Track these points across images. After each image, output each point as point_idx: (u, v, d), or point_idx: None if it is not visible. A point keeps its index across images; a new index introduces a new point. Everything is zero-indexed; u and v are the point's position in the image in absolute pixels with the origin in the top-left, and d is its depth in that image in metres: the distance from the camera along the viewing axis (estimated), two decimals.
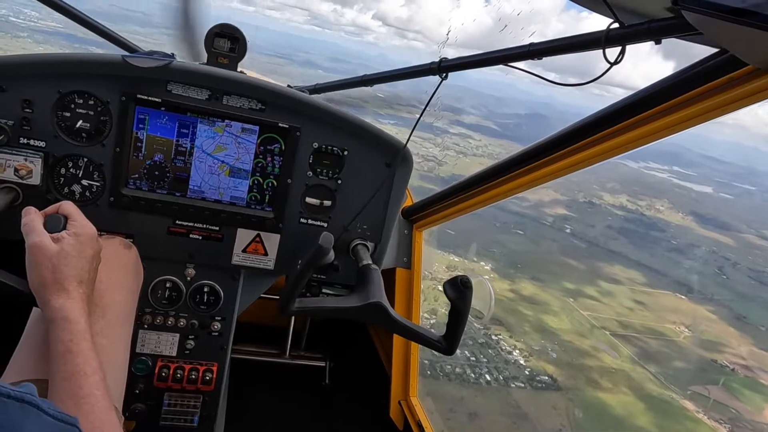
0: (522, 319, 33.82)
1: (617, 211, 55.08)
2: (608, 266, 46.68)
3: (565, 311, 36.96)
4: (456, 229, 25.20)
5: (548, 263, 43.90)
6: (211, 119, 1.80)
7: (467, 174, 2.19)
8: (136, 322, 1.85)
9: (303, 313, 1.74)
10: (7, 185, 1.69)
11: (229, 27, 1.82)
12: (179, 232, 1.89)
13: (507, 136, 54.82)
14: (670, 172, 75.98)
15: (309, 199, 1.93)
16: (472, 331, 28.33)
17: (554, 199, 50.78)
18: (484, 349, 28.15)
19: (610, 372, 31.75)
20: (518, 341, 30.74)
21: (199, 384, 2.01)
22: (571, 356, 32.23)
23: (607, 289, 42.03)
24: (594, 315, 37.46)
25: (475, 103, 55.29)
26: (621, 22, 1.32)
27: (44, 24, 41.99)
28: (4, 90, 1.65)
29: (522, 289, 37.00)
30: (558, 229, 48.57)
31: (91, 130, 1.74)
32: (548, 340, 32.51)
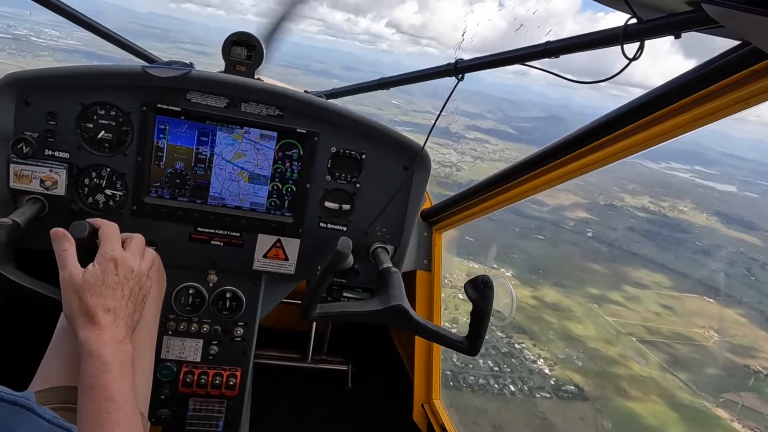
0: (546, 326, 33.09)
1: (639, 212, 53.89)
2: (633, 270, 45.53)
3: (589, 317, 36.07)
4: (475, 235, 24.69)
5: (571, 268, 42.99)
6: (230, 126, 1.82)
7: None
8: (161, 328, 1.91)
9: (325, 319, 1.74)
10: (33, 196, 1.73)
11: (246, 35, 1.84)
12: (201, 239, 1.91)
13: (524, 140, 54.21)
14: (692, 171, 74.21)
15: (328, 204, 1.94)
16: (495, 339, 27.77)
17: (574, 202, 49.88)
18: (507, 359, 27.53)
19: (639, 380, 30.76)
20: (542, 350, 30.02)
21: (223, 389, 2.02)
22: (598, 364, 31.36)
23: (633, 294, 40.95)
24: (620, 321, 36.47)
25: (491, 107, 54.91)
26: (639, 17, 1.30)
27: (64, 42, 42.90)
28: (28, 103, 1.69)
29: (545, 295, 36.24)
30: (579, 232, 47.61)
31: (113, 141, 1.77)
32: (573, 348, 31.70)
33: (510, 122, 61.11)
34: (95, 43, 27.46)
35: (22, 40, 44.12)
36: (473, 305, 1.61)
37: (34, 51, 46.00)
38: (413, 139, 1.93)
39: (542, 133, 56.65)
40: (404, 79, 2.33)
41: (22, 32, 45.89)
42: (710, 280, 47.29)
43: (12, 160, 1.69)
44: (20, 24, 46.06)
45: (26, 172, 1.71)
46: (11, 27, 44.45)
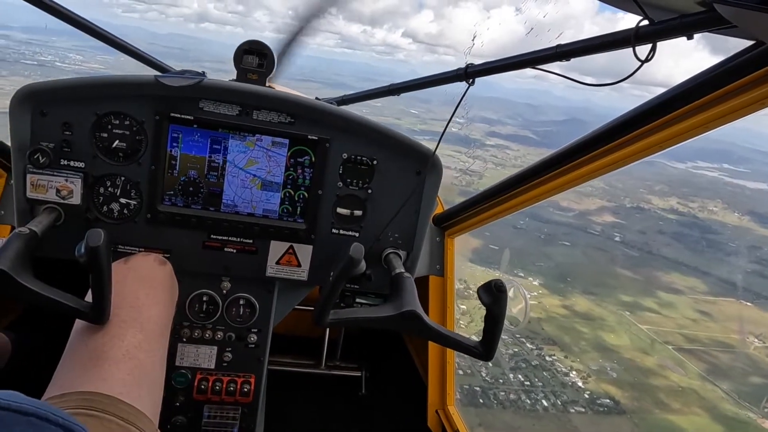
0: (577, 337, 32.06)
1: (668, 215, 52.36)
2: (664, 274, 44.03)
3: (622, 326, 34.86)
4: (499, 243, 24.03)
5: (600, 275, 41.78)
6: (242, 134, 1.84)
7: None
8: (175, 335, 1.94)
9: (338, 325, 1.74)
10: (49, 206, 1.75)
11: (257, 43, 1.87)
12: (214, 246, 1.93)
13: (545, 144, 53.47)
14: (720, 170, 71.91)
15: (340, 210, 1.95)
16: (525, 352, 26.94)
17: (600, 206, 48.70)
18: (538, 372, 26.64)
19: (678, 391, 29.46)
20: (574, 361, 29.01)
21: (238, 396, 2.03)
22: (634, 375, 30.15)
23: (667, 300, 39.47)
24: (654, 329, 35.14)
25: (511, 113, 54.42)
26: (650, 19, 1.31)
27: (87, 66, 43.88)
28: (44, 114, 1.72)
29: (574, 304, 35.13)
30: (607, 237, 46.33)
31: (127, 150, 1.80)
32: (607, 359, 30.59)
33: (530, 127, 60.45)
34: (117, 66, 27.51)
35: (47, 65, 45.35)
36: (487, 309, 1.59)
37: (59, 76, 47.34)
38: (425, 145, 1.92)
39: (563, 137, 55.14)
40: (415, 85, 2.33)
41: (47, 58, 47.26)
42: (747, 282, 45.40)
43: (29, 170, 1.72)
44: (45, 50, 47.43)
45: (43, 182, 1.74)
46: (37, 53, 45.77)
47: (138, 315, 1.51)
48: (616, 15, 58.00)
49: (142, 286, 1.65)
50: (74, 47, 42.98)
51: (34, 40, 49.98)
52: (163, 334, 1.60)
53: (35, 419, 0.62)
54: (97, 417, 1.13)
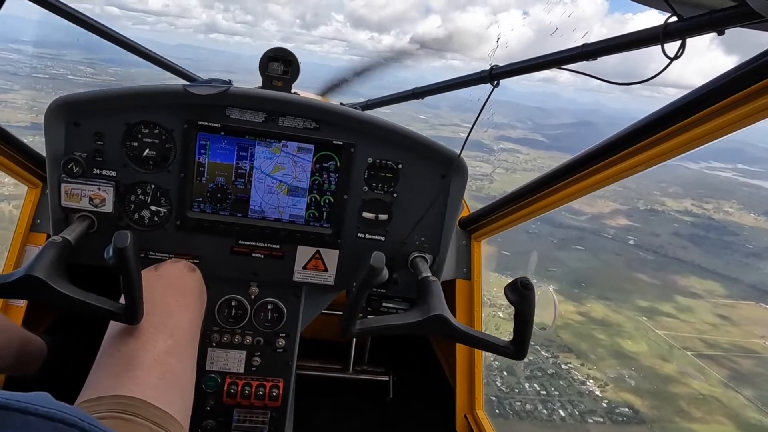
0: (593, 343, 31.41)
1: (683, 216, 51.53)
2: (681, 278, 43.23)
3: (639, 332, 34.10)
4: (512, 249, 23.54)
5: (615, 279, 41.16)
6: (268, 140, 1.87)
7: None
8: (205, 340, 1.99)
9: (365, 334, 1.73)
10: (83, 214, 1.80)
11: (282, 51, 1.90)
12: (242, 251, 1.95)
13: (556, 147, 53.06)
14: (735, 170, 70.80)
15: (366, 214, 1.95)
16: (540, 361, 26.38)
17: (614, 209, 48.08)
18: (554, 381, 26.06)
19: (699, 399, 28.66)
20: (591, 369, 28.37)
21: (267, 400, 2.04)
22: (653, 383, 29.41)
23: (685, 305, 38.67)
24: (672, 334, 34.33)
25: (521, 116, 54.09)
26: (679, 15, 1.29)
27: (99, 79, 44.18)
28: (77, 125, 1.78)
29: (590, 310, 34.45)
30: (621, 240, 45.61)
31: (157, 158, 1.83)
32: (624, 366, 29.94)
33: (540, 130, 60.05)
34: (128, 78, 27.65)
35: (58, 79, 45.72)
36: (515, 309, 1.57)
37: (71, 89, 47.65)
38: (449, 148, 1.92)
39: (574, 140, 55.25)
40: (438, 88, 2.33)
41: (59, 71, 47.72)
42: (766, 285, 44.34)
43: (63, 179, 1.77)
44: (57, 63, 48.01)
45: (76, 191, 1.78)
46: (49, 67, 46.20)
47: (168, 320, 1.53)
48: (624, 16, 57.22)
49: (172, 292, 1.68)
50: (85, 60, 43.25)
51: (46, 54, 50.64)
52: (193, 340, 1.62)
53: (63, 425, 0.62)
54: (130, 420, 1.15)
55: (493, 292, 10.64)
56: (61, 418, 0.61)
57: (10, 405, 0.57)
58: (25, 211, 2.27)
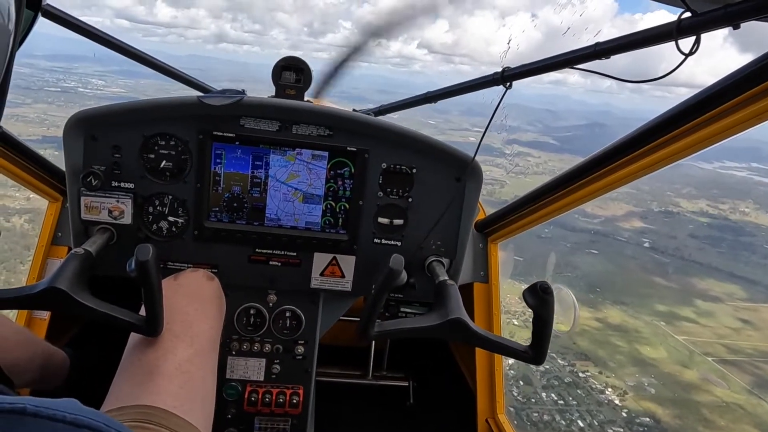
0: (610, 350, 30.71)
1: (698, 218, 50.58)
2: (699, 281, 42.29)
3: (658, 338, 33.26)
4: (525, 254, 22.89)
5: (631, 283, 40.35)
6: (283, 149, 1.89)
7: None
8: (225, 348, 2.00)
9: (383, 337, 1.73)
10: (102, 226, 1.83)
11: (294, 59, 1.92)
12: (259, 259, 1.97)
13: (567, 150, 52.49)
14: (749, 169, 69.40)
15: (381, 219, 1.96)
16: (557, 369, 25.74)
17: (627, 211, 47.32)
18: (572, 390, 25.41)
19: (722, 406, 27.82)
20: (609, 377, 27.65)
21: (287, 407, 2.05)
22: (673, 390, 28.57)
23: (704, 309, 37.72)
24: (692, 339, 33.42)
25: (530, 119, 53.70)
26: (693, 11, 1.28)
27: (109, 91, 44.72)
28: (95, 138, 1.81)
29: (607, 316, 33.67)
30: (635, 243, 44.79)
31: (173, 169, 1.86)
32: (644, 374, 29.17)
33: (551, 133, 59.59)
34: (138, 89, 27.72)
35: (70, 92, 46.27)
36: (534, 312, 1.55)
37: (81, 101, 48.33)
38: (463, 151, 1.92)
39: (585, 142, 54.71)
40: (451, 92, 2.33)
41: (71, 84, 48.26)
42: None
43: (82, 193, 1.79)
44: (68, 77, 48.40)
45: (95, 204, 1.81)
46: (60, 80, 46.80)
47: (188, 330, 1.54)
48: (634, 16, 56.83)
49: (192, 301, 1.70)
50: (96, 73, 43.73)
51: (57, 68, 50.94)
52: (213, 348, 1.63)
53: (89, 431, 0.63)
54: (151, 430, 1.16)
55: (506, 298, 10.14)
56: (87, 424, 0.62)
57: (39, 412, 0.59)
58: (46, 224, 2.32)
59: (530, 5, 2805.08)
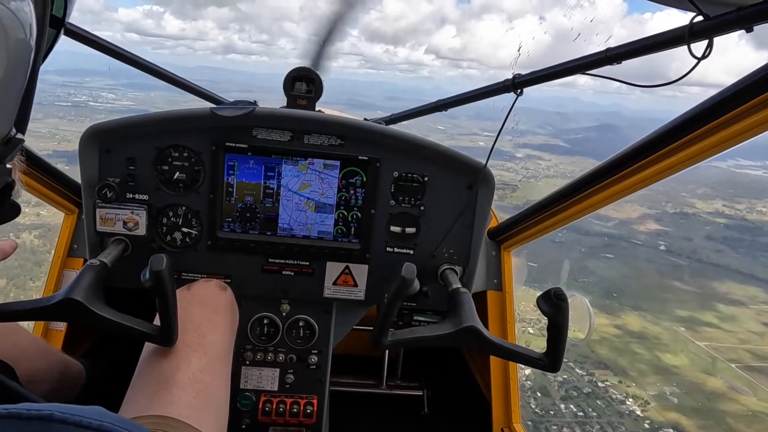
0: (630, 358, 29.85)
1: (715, 218, 49.55)
2: (718, 284, 41.21)
3: (678, 344, 32.23)
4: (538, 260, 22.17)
5: (648, 288, 39.47)
6: (295, 158, 1.91)
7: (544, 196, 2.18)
8: (239, 358, 2.02)
9: (397, 346, 1.77)
10: (117, 237, 1.86)
11: (305, 70, 1.94)
12: (272, 269, 1.98)
13: (578, 152, 51.86)
14: (765, 167, 67.92)
15: (393, 228, 1.97)
16: (575, 379, 24.95)
17: (642, 213, 46.44)
18: (591, 401, 24.60)
19: (749, 416, 26.87)
20: (629, 387, 26.79)
21: (302, 417, 2.06)
22: (697, 400, 27.55)
23: (727, 313, 36.48)
24: (714, 345, 32.35)
25: (540, 122, 53.13)
26: (705, 14, 1.28)
27: (120, 104, 45.00)
28: (109, 151, 1.84)
29: (626, 323, 32.75)
30: (651, 246, 43.86)
31: (187, 180, 1.89)
32: (666, 382, 28.27)
33: (561, 135, 58.86)
34: (148, 102, 27.32)
35: (80, 106, 46.49)
36: (548, 320, 1.55)
37: (92, 115, 48.70)
38: (474, 158, 1.93)
39: (596, 144, 53.92)
40: (461, 99, 2.34)
41: (81, 98, 48.66)
42: None
43: (98, 205, 1.83)
44: (79, 91, 48.80)
45: (110, 216, 1.84)
46: (71, 95, 47.07)
47: (202, 339, 1.55)
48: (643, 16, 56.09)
49: (205, 311, 1.71)
50: (107, 86, 44.00)
51: (69, 82, 51.29)
52: (226, 358, 1.64)
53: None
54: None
55: (521, 306, 9.55)
56: (112, 431, 0.64)
57: (66, 419, 0.60)
58: (62, 236, 2.35)
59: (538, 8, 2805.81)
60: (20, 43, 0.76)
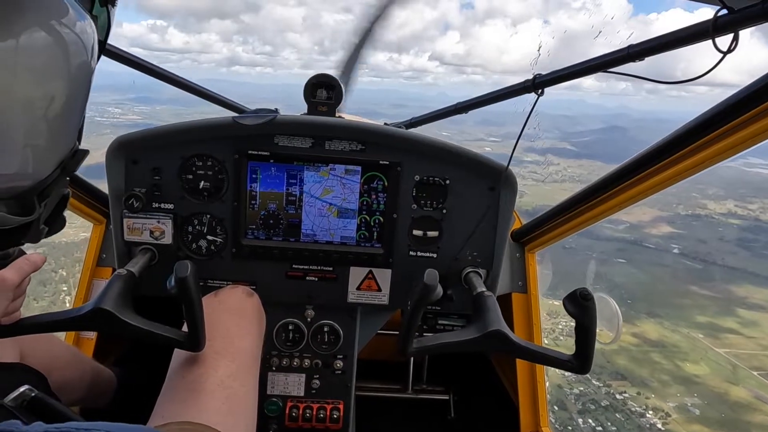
0: (648, 368, 28.79)
1: (728, 219, 48.52)
2: (735, 287, 40.14)
3: (698, 352, 31.12)
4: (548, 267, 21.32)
5: (664, 293, 38.48)
6: (316, 165, 1.92)
7: (553, 202, 2.20)
8: (265, 364, 2.03)
9: (423, 353, 1.73)
10: (144, 246, 1.89)
11: (325, 77, 1.97)
12: (297, 275, 1.99)
13: (585, 155, 51.15)
14: None
15: (416, 232, 1.97)
16: (592, 391, 24.02)
17: (654, 216, 45.62)
18: (610, 414, 23.66)
19: None
20: (649, 398, 25.78)
21: (328, 422, 2.06)
22: (720, 410, 26.45)
23: (748, 318, 35.23)
24: (734, 352, 31.19)
25: (547, 126, 52.38)
26: (729, 8, 1.26)
27: (126, 118, 45.19)
28: (136, 162, 1.87)
29: (644, 331, 31.71)
30: (664, 250, 42.83)
31: (211, 189, 1.91)
32: (686, 393, 27.23)
33: (569, 138, 58.35)
34: (154, 116, 26.93)
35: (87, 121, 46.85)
36: (575, 321, 1.53)
37: (98, 130, 49.18)
38: (496, 160, 1.94)
39: (603, 146, 53.27)
40: (481, 102, 2.34)
41: (87, 114, 48.92)
42: None
43: (125, 215, 1.86)
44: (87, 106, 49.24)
45: (137, 225, 1.87)
46: None
47: (230, 346, 1.56)
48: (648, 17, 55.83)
49: (232, 317, 1.72)
50: (113, 101, 44.10)
51: None
52: (254, 364, 1.65)
53: None
54: None
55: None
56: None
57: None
58: (91, 246, 2.39)
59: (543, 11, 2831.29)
60: (84, 65, 0.82)
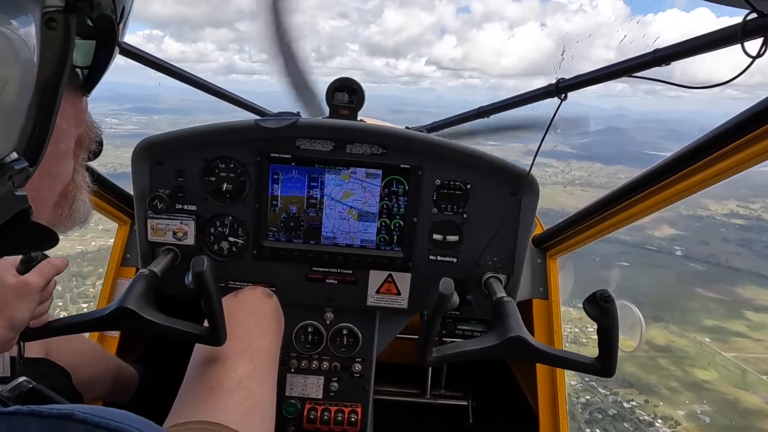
0: (655, 374, 28.05)
1: (730, 219, 47.99)
2: (741, 289, 39.66)
3: (705, 357, 30.42)
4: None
5: (668, 297, 37.83)
6: (337, 168, 1.94)
7: (555, 207, 3.08)
8: (284, 366, 2.04)
9: (443, 362, 1.73)
10: (167, 247, 1.92)
11: (347, 80, 1.97)
12: (316, 278, 2.01)
13: (585, 157, 50.56)
14: None
15: (436, 236, 1.98)
16: (599, 400, 23.34)
17: (656, 218, 44.69)
18: (618, 423, 23.01)
19: None
20: (657, 406, 25.10)
21: (346, 425, 2.05)
22: (730, 417, 25.75)
23: (756, 321, 34.66)
24: (742, 356, 30.50)
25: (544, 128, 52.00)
26: (759, 12, 1.25)
27: (123, 129, 44.83)
28: (160, 164, 1.89)
29: (651, 337, 31.14)
30: (667, 252, 42.24)
31: (233, 191, 1.93)
32: (695, 400, 26.48)
33: (566, 141, 57.57)
34: (151, 125, 26.34)
35: None
36: (597, 324, 1.52)
37: None
38: (517, 165, 1.94)
39: (603, 147, 52.58)
40: (504, 106, 2.36)
41: None
42: None
43: (149, 215, 1.89)
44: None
45: (161, 226, 1.90)
46: None
47: (248, 346, 1.57)
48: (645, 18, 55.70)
49: (251, 318, 1.74)
50: (110, 112, 43.85)
51: None
52: (272, 365, 1.66)
53: None
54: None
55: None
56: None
57: (86, 419, 0.61)
58: (116, 246, 2.43)
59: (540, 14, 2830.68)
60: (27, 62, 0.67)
